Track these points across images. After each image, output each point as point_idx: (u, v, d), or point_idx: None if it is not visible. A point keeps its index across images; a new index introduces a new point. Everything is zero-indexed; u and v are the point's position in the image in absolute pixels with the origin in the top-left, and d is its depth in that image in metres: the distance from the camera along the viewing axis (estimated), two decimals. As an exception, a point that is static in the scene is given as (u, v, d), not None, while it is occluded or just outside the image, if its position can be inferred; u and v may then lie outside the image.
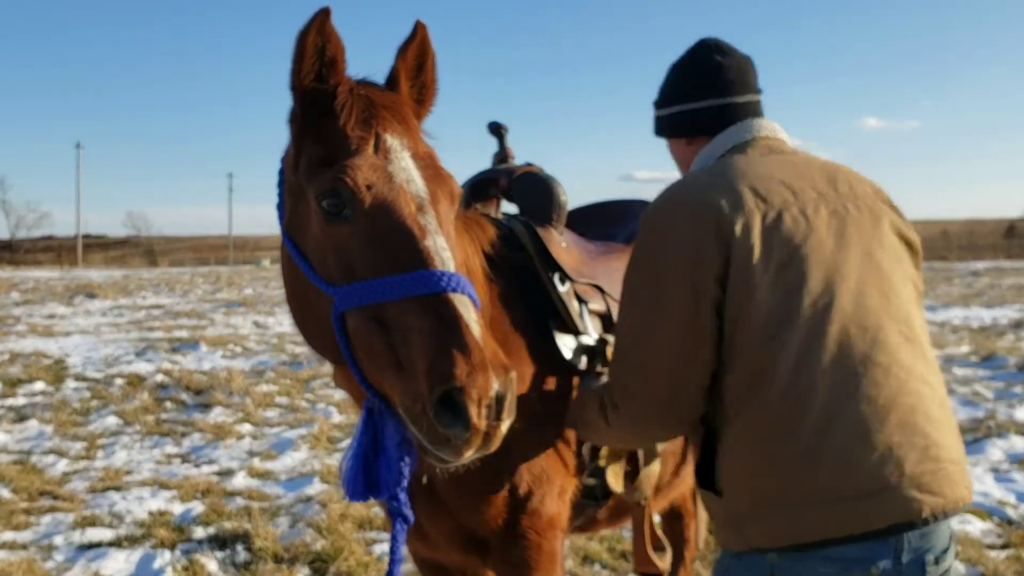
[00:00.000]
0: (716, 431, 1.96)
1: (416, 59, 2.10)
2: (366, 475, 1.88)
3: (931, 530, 1.82)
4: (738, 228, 1.88)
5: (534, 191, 2.69)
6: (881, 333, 1.88)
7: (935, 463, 1.82)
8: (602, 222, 3.20)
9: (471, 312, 1.72)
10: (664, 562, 2.76)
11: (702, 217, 1.91)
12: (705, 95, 2.22)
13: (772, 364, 1.84)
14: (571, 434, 2.47)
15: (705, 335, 1.91)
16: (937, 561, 1.83)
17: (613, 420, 2.11)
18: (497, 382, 1.62)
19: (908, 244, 2.07)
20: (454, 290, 1.72)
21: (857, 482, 1.77)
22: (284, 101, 2.01)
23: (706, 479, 1.99)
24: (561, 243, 2.63)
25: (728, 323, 1.89)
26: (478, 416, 1.60)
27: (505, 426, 1.67)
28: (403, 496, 1.88)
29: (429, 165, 1.96)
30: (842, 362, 1.84)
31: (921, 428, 1.84)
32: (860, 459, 1.78)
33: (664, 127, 2.36)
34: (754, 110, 2.24)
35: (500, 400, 1.63)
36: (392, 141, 1.92)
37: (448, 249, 1.83)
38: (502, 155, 2.98)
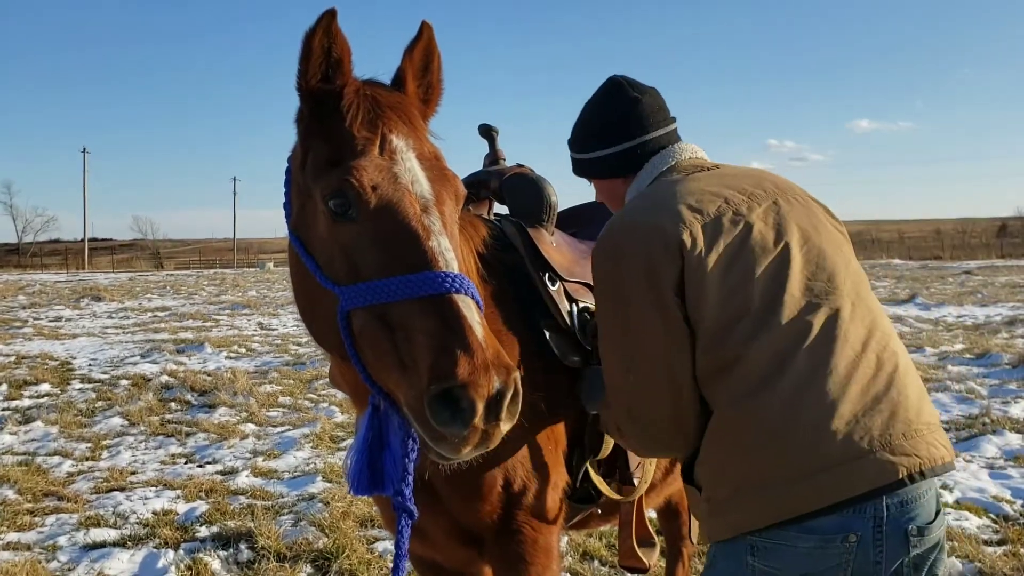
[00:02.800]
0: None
1: (422, 59, 2.13)
2: (371, 470, 1.91)
3: (911, 497, 1.83)
4: (685, 239, 1.98)
5: (524, 192, 2.72)
6: (832, 308, 1.95)
7: (905, 425, 1.85)
8: (594, 221, 3.22)
9: (474, 313, 1.74)
10: (650, 558, 2.78)
11: (648, 237, 2.02)
12: (628, 136, 2.31)
13: (735, 355, 1.92)
14: (562, 430, 2.51)
15: (682, 343, 1.99)
16: (921, 532, 1.84)
17: (627, 441, 2.24)
18: (499, 381, 1.64)
19: (840, 232, 2.18)
20: (457, 291, 1.74)
21: (827, 454, 1.81)
22: (288, 106, 2.05)
23: (688, 475, 2.07)
24: (552, 243, 2.66)
25: (692, 327, 1.98)
26: (478, 416, 1.62)
27: (506, 427, 1.69)
28: (408, 491, 1.90)
29: (434, 166, 1.98)
30: (799, 341, 1.90)
31: (884, 394, 1.88)
32: (827, 431, 1.82)
33: (588, 170, 2.45)
34: (673, 138, 2.35)
35: (500, 399, 1.65)
36: (398, 142, 1.94)
37: (452, 250, 1.85)
38: (493, 157, 3.00)
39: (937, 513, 1.91)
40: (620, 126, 2.31)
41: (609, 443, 2.58)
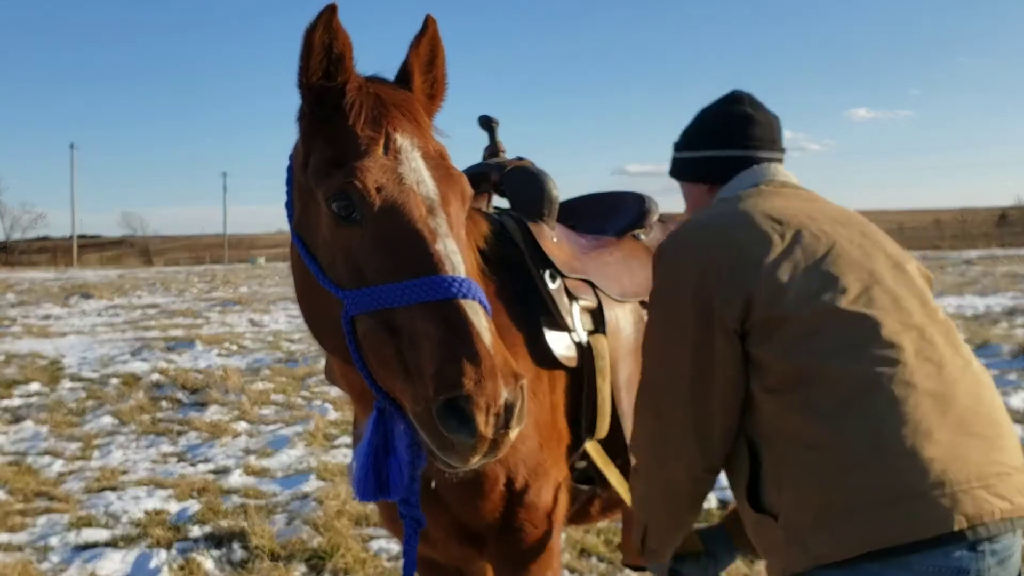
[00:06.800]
0: (758, 453, 1.92)
1: (428, 53, 2.07)
2: (376, 476, 1.86)
3: (1008, 554, 1.71)
4: (754, 248, 1.91)
5: (525, 186, 2.67)
6: (927, 334, 1.84)
7: (999, 466, 1.73)
8: (594, 214, 3.18)
9: (482, 319, 1.69)
10: None
11: (713, 243, 1.96)
12: (732, 145, 2.24)
13: (815, 366, 1.81)
14: (564, 427, 2.47)
15: (720, 354, 1.91)
16: None
17: (640, 465, 2.13)
18: (507, 390, 1.60)
19: (925, 278, 2.06)
20: (464, 296, 1.69)
21: (922, 479, 1.68)
22: (283, 101, 1.99)
23: (757, 503, 1.93)
24: (552, 238, 2.62)
25: (756, 335, 1.89)
26: (485, 424, 1.57)
27: (514, 434, 1.65)
28: (414, 499, 1.86)
29: (440, 165, 1.93)
30: (891, 358, 1.79)
31: (981, 429, 1.76)
32: (923, 456, 1.69)
33: (684, 170, 2.37)
34: (770, 163, 2.25)
35: (509, 408, 1.61)
36: (402, 141, 1.88)
37: (459, 253, 1.79)
38: (493, 149, 2.95)
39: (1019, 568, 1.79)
40: (721, 134, 2.26)
41: (605, 423, 2.54)
